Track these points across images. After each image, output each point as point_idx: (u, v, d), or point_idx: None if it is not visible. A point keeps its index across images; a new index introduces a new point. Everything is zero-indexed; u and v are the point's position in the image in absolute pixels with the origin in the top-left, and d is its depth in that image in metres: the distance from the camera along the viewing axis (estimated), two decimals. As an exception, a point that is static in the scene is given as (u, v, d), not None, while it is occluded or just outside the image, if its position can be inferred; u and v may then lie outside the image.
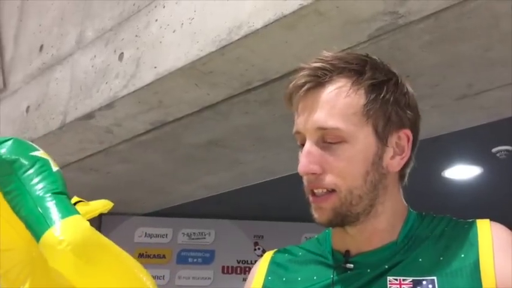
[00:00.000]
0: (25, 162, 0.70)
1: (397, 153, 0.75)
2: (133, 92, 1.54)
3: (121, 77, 1.59)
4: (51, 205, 0.66)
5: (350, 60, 0.75)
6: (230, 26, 1.27)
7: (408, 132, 0.76)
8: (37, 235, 0.65)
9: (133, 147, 1.90)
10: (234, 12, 1.27)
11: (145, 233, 3.53)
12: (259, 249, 3.75)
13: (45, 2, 2.13)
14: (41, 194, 0.67)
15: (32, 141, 0.74)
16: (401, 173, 0.78)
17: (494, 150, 2.87)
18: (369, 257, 0.76)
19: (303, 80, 0.74)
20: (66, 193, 0.69)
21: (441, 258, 0.73)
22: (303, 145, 0.76)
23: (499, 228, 0.74)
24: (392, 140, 0.75)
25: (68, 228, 0.64)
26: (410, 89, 0.78)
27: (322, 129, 0.73)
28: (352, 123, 0.73)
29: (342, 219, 0.74)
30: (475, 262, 0.71)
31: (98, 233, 0.66)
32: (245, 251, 3.68)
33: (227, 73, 1.40)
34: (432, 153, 2.66)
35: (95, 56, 1.73)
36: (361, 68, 0.75)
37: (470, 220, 0.77)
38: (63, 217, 0.65)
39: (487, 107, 1.54)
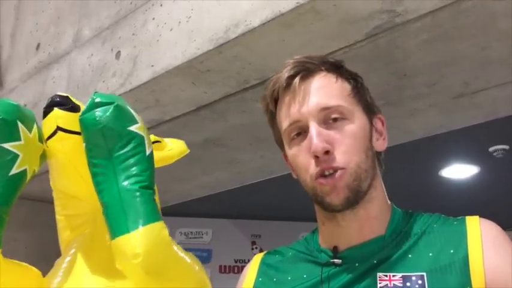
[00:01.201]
0: (121, 137, 0.63)
1: (379, 135, 0.83)
2: (130, 90, 1.54)
3: (118, 75, 1.58)
4: (136, 203, 0.60)
5: (323, 58, 0.83)
6: (227, 24, 1.27)
7: (381, 116, 0.84)
8: (113, 232, 0.60)
9: (130, 146, 1.89)
10: (231, 10, 1.27)
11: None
12: (256, 248, 3.75)
13: (41, 1, 2.13)
14: (127, 185, 0.61)
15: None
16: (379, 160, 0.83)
17: (491, 149, 2.88)
18: (356, 251, 0.78)
19: (293, 71, 0.79)
20: (153, 188, 0.64)
21: (430, 254, 0.74)
22: (298, 134, 0.79)
23: (488, 224, 0.75)
24: (374, 123, 0.82)
25: (147, 240, 0.59)
26: None
27: (326, 109, 0.77)
28: (348, 102, 0.79)
29: (356, 196, 0.76)
30: (464, 258, 0.71)
31: (174, 244, 0.62)
32: (242, 250, 3.68)
33: (224, 71, 1.40)
34: (429, 152, 2.67)
35: (92, 55, 1.72)
36: (336, 63, 0.83)
37: (460, 217, 0.78)
38: (145, 223, 0.59)
39: (484, 105, 1.54)
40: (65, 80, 1.83)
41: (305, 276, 0.80)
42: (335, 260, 0.77)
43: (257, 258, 0.90)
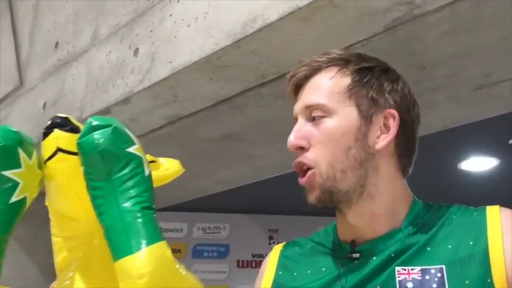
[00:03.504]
0: (120, 159, 0.63)
1: (384, 132, 0.79)
2: (149, 87, 1.55)
3: (136, 72, 1.60)
4: (138, 224, 0.61)
5: (341, 53, 0.84)
6: (245, 19, 1.27)
7: (393, 112, 0.80)
8: (116, 254, 0.61)
9: (148, 142, 1.91)
10: (248, 5, 1.27)
11: (161, 228, 3.55)
12: (274, 243, 3.75)
13: (59, 0, 2.15)
14: (129, 206, 0.62)
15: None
16: (397, 156, 0.81)
17: (511, 141, 2.84)
18: (373, 244, 0.77)
19: (297, 71, 0.84)
20: (153, 208, 0.64)
21: (449, 246, 0.73)
22: None
23: (509, 214, 0.74)
24: (379, 119, 0.79)
25: (151, 261, 0.59)
26: (403, 81, 0.84)
27: (308, 107, 0.80)
28: (335, 100, 0.79)
29: (330, 196, 0.76)
30: (484, 249, 0.70)
31: (177, 264, 0.63)
32: (260, 244, 3.69)
33: (242, 66, 1.41)
34: (448, 145, 2.65)
35: (110, 52, 1.74)
36: (349, 57, 0.83)
37: (480, 207, 0.77)
38: (148, 244, 0.60)
39: (504, 97, 1.52)
40: (83, 77, 1.85)
41: (324, 269, 0.80)
42: (353, 254, 0.77)
43: (276, 250, 0.90)
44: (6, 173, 0.63)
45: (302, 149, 0.77)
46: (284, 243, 0.91)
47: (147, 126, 1.80)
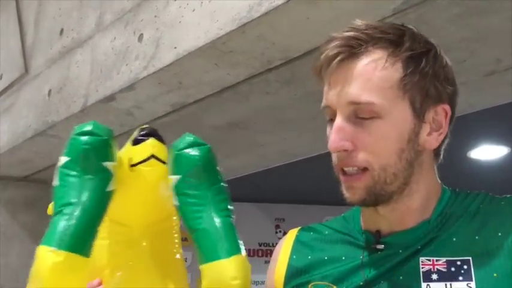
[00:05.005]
0: (218, 173, 0.75)
1: (434, 130, 0.72)
2: (153, 73, 1.53)
3: (141, 58, 1.58)
4: (232, 234, 0.72)
5: (386, 30, 0.71)
6: (250, 3, 1.24)
7: (446, 107, 0.72)
8: (209, 257, 0.70)
9: (154, 129, 1.89)
10: (254, -12, 1.25)
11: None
12: (280, 232, 3.76)
13: (64, -14, 2.13)
14: (223, 217, 0.72)
15: (54, 125, 0.73)
16: (436, 151, 0.75)
17: (522, 129, 2.80)
18: (400, 237, 0.74)
19: (335, 51, 0.70)
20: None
21: (476, 237, 0.70)
22: (332, 120, 0.72)
23: None
24: (430, 115, 0.72)
25: (242, 268, 0.70)
26: (448, 62, 0.74)
27: (355, 104, 0.69)
28: (387, 98, 0.69)
29: (375, 199, 0.71)
30: None
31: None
32: (266, 233, 3.70)
33: (247, 52, 1.38)
34: (457, 133, 2.61)
35: (114, 38, 1.72)
36: (399, 39, 0.71)
37: (508, 196, 0.74)
38: (240, 252, 0.70)
39: (516, 83, 1.49)
40: (88, 64, 1.83)
41: (344, 258, 0.76)
42: (377, 245, 0.74)
43: (291, 235, 0.86)
44: (106, 164, 0.71)
45: (345, 151, 0.70)
46: (299, 228, 0.87)
47: (152, 113, 1.79)
